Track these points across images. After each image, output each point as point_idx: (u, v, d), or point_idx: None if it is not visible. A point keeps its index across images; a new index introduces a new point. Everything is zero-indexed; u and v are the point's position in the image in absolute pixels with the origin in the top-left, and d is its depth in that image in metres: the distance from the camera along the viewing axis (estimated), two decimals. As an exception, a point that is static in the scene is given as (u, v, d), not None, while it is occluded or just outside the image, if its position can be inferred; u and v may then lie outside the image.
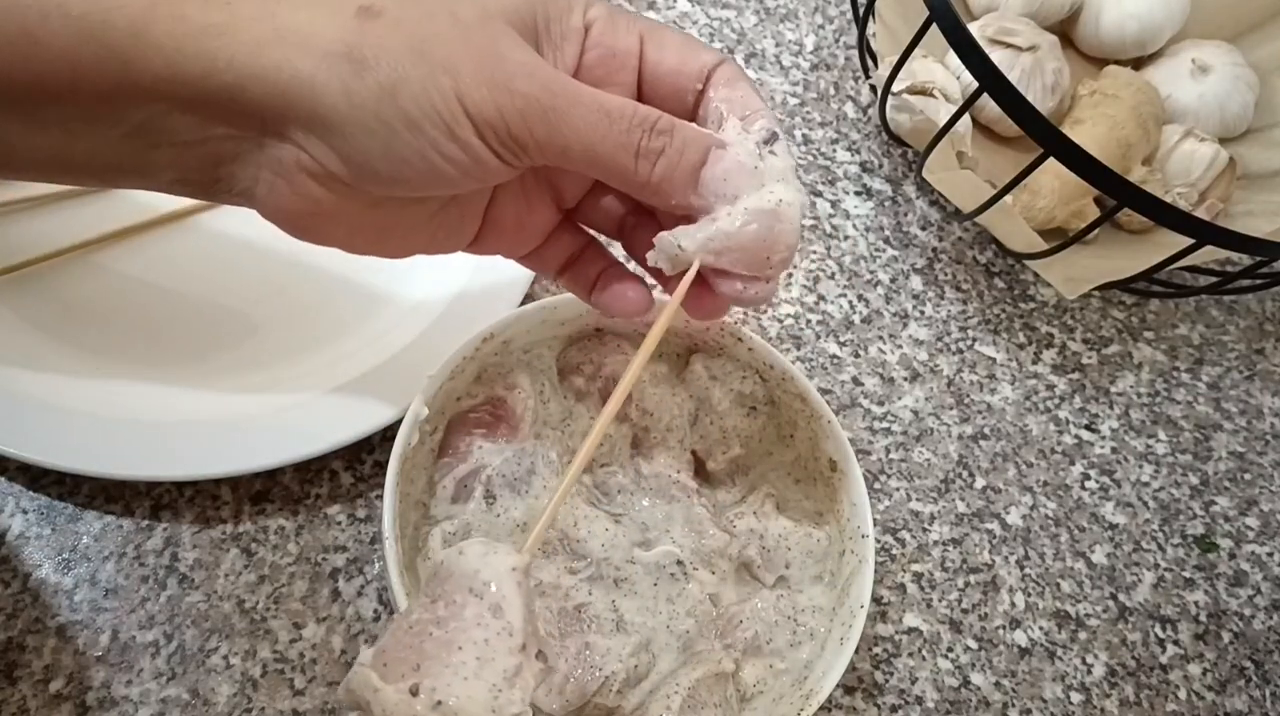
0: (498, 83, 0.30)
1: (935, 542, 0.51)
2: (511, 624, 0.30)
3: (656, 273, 0.35)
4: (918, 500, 0.52)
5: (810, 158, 0.62)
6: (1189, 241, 0.49)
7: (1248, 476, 0.58)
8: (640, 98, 0.34)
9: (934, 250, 0.60)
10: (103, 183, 0.33)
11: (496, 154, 0.31)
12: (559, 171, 0.36)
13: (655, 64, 0.34)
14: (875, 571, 0.40)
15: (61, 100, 0.29)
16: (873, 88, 0.63)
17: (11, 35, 0.27)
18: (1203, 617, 0.52)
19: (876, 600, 0.48)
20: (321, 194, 0.31)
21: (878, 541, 0.46)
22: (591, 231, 0.39)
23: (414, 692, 0.28)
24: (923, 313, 0.58)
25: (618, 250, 0.40)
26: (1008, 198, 0.53)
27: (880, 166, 0.63)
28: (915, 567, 0.50)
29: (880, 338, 0.56)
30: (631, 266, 0.39)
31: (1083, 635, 0.50)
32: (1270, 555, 0.55)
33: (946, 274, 0.60)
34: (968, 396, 0.56)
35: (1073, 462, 0.55)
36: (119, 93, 0.29)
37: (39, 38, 0.27)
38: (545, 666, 0.31)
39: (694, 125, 0.33)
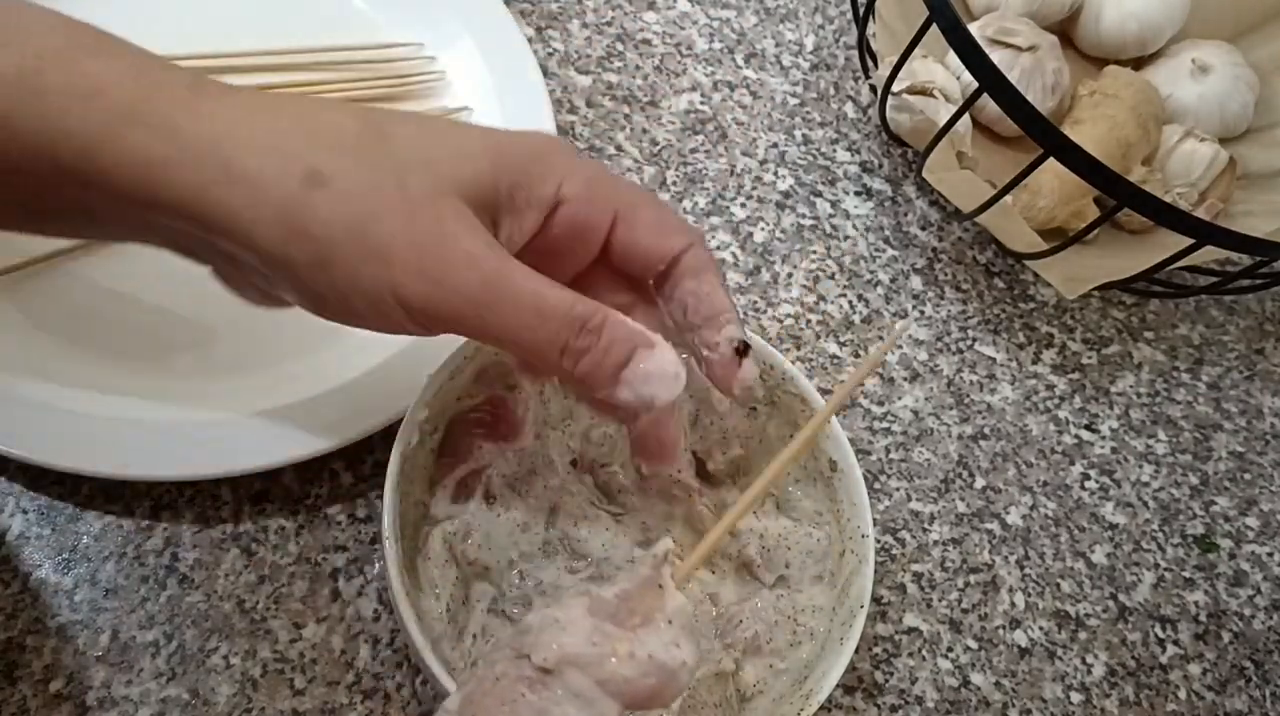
0: (433, 276, 0.30)
1: (935, 542, 0.51)
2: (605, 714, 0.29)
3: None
4: (918, 500, 0.52)
5: (810, 158, 0.62)
6: (1189, 241, 0.49)
7: (1248, 476, 0.58)
8: (608, 259, 0.35)
9: (934, 250, 0.60)
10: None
11: (430, 330, 0.32)
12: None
13: (626, 244, 0.34)
14: (875, 571, 0.40)
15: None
16: (873, 88, 0.63)
17: None
18: (1203, 617, 0.52)
19: (876, 600, 0.48)
20: (272, 297, 0.33)
21: (878, 541, 0.46)
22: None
23: None
24: (923, 313, 0.58)
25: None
26: (1008, 198, 0.53)
27: (880, 166, 0.63)
28: (915, 567, 0.50)
29: (880, 337, 0.56)
30: None
31: (1083, 635, 0.50)
32: (1270, 555, 0.55)
33: (946, 274, 0.60)
34: (968, 396, 0.56)
35: (1073, 462, 0.55)
36: (73, 198, 0.30)
37: None
38: None
39: (626, 321, 0.33)
